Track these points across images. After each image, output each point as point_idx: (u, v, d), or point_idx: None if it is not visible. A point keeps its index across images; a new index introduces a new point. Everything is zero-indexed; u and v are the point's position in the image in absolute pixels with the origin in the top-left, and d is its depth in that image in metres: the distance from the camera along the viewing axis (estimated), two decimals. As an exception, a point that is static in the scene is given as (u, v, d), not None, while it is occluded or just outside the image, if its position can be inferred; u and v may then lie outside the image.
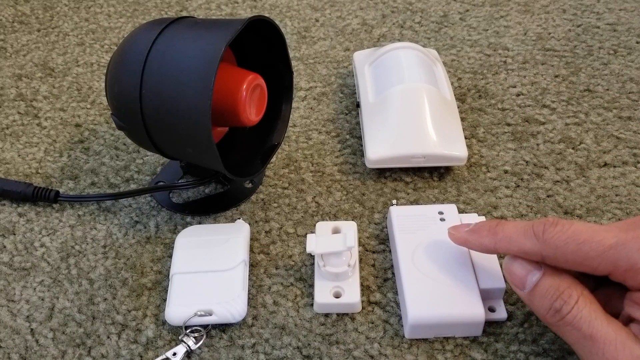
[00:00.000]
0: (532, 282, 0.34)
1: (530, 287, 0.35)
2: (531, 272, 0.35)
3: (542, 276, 0.34)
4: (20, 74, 0.62)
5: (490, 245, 0.37)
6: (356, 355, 0.39)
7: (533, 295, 0.35)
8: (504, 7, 0.69)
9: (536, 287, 0.34)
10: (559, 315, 0.33)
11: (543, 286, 0.34)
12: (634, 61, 0.61)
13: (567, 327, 0.33)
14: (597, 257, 0.32)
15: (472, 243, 0.38)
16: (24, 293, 0.43)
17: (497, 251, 0.37)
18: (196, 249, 0.43)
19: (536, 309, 0.35)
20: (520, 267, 0.35)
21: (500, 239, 0.36)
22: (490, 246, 0.37)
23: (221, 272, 0.42)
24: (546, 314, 0.34)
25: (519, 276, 0.35)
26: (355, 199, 0.49)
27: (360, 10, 0.70)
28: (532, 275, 0.35)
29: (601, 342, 0.31)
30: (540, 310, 0.34)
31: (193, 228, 0.46)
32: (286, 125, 0.49)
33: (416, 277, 0.40)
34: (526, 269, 0.35)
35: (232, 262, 0.42)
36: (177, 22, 0.42)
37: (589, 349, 0.32)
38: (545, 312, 0.34)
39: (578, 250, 0.33)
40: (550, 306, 0.33)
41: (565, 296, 0.33)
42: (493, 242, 0.36)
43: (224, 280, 0.41)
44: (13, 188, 0.48)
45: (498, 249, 0.37)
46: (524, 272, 0.35)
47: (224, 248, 0.43)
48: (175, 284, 0.41)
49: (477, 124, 0.55)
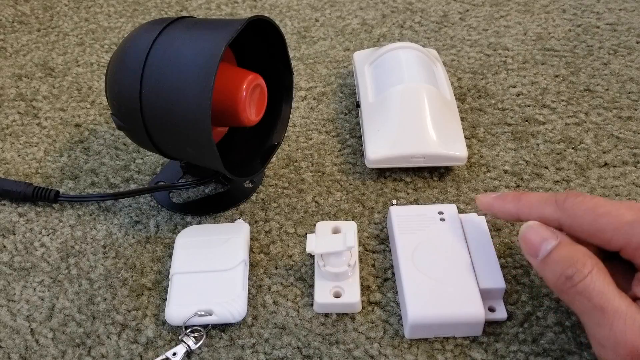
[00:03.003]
0: (546, 250, 0.34)
1: (544, 254, 0.34)
2: (546, 240, 0.35)
3: (557, 245, 0.34)
4: (20, 74, 0.62)
5: (512, 211, 0.38)
6: (356, 355, 0.39)
7: (545, 263, 0.34)
8: (504, 7, 0.69)
9: (550, 255, 0.34)
10: (570, 282, 0.33)
11: (557, 254, 0.34)
12: (634, 61, 0.61)
13: (578, 296, 0.32)
14: (612, 230, 0.33)
15: (496, 208, 0.39)
16: (24, 293, 0.43)
17: (519, 217, 0.37)
18: (196, 249, 0.43)
19: (547, 276, 0.34)
20: (535, 234, 0.35)
21: (522, 205, 0.37)
22: (512, 211, 0.38)
23: (221, 272, 0.41)
24: (557, 281, 0.33)
25: (534, 243, 0.35)
26: (355, 199, 0.49)
27: (360, 10, 0.70)
28: (546, 243, 0.34)
29: (611, 314, 0.31)
30: (551, 278, 0.34)
31: (193, 228, 0.46)
32: (286, 125, 0.49)
33: (416, 277, 0.40)
34: (541, 236, 0.35)
35: (232, 261, 0.42)
36: (177, 22, 0.42)
37: (597, 320, 0.32)
38: (556, 279, 0.34)
39: (595, 222, 0.33)
40: (562, 273, 0.33)
41: (579, 265, 0.33)
42: (516, 208, 0.38)
43: (224, 280, 0.41)
44: (13, 188, 0.48)
45: (520, 215, 0.37)
46: (539, 240, 0.35)
47: (224, 248, 0.43)
48: (175, 284, 0.41)
49: (477, 124, 0.55)
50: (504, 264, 0.43)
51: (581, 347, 0.38)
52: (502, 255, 0.44)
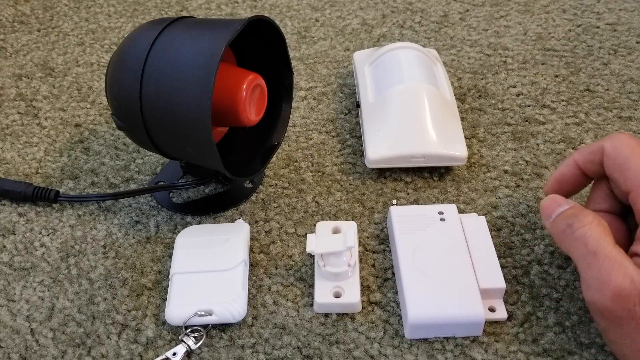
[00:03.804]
0: (557, 212, 0.38)
1: (555, 215, 0.38)
2: (560, 205, 0.38)
3: (568, 208, 0.38)
4: (20, 73, 0.62)
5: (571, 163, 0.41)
6: (356, 355, 0.39)
7: (555, 221, 0.38)
8: (504, 7, 0.69)
9: (560, 215, 0.38)
10: (570, 230, 0.36)
11: (565, 213, 0.37)
12: (634, 61, 0.61)
13: (575, 242, 0.35)
14: (636, 171, 0.37)
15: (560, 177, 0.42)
16: (24, 293, 0.43)
17: (577, 163, 0.41)
18: (196, 249, 0.43)
19: (554, 232, 0.38)
20: (552, 201, 0.39)
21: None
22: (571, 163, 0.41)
23: (221, 272, 0.41)
24: (560, 233, 0.37)
25: (549, 208, 0.38)
26: (355, 199, 0.49)
27: (360, 10, 0.70)
28: (560, 207, 0.38)
29: (602, 258, 0.34)
30: (556, 232, 0.37)
31: (193, 228, 0.46)
32: (286, 125, 0.49)
33: (416, 277, 0.40)
34: (557, 203, 0.38)
35: (232, 262, 0.42)
36: (177, 22, 0.42)
37: (588, 263, 0.34)
38: (560, 231, 0.37)
39: (624, 155, 0.37)
40: (566, 224, 0.37)
41: (582, 217, 0.36)
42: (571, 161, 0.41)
43: (223, 280, 0.41)
44: (13, 188, 0.48)
45: (576, 160, 0.41)
46: (554, 206, 0.38)
47: (224, 248, 0.43)
48: (175, 284, 0.41)
49: (477, 124, 0.55)
50: (504, 264, 0.43)
51: (581, 347, 0.38)
52: (502, 255, 0.44)
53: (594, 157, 0.40)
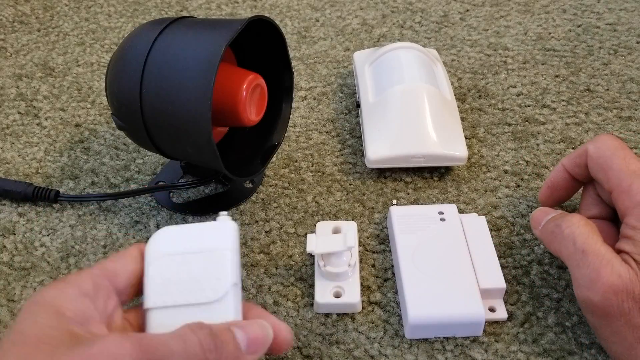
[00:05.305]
0: (546, 220, 0.39)
1: (544, 223, 0.39)
2: (548, 214, 0.40)
3: (556, 215, 0.39)
4: (20, 73, 0.62)
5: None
6: (356, 355, 0.39)
7: (544, 225, 0.39)
8: (504, 7, 0.69)
9: (548, 220, 0.39)
10: (559, 229, 0.37)
11: (554, 218, 0.39)
12: (634, 61, 0.61)
13: (564, 241, 0.36)
14: (616, 170, 0.37)
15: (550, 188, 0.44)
16: (24, 293, 0.43)
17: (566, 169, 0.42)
18: (173, 268, 0.33)
19: (542, 236, 0.39)
20: (541, 212, 0.40)
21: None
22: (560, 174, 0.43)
23: (207, 306, 0.32)
24: (549, 235, 0.38)
25: (539, 217, 0.40)
26: (355, 199, 0.49)
27: (360, 10, 0.70)
28: (547, 216, 0.39)
29: (591, 255, 0.35)
30: (545, 236, 0.39)
31: (165, 233, 0.34)
32: (286, 125, 0.49)
33: (416, 277, 0.40)
34: (545, 212, 0.40)
35: (219, 289, 0.32)
36: (177, 22, 0.42)
37: (578, 261, 0.35)
38: (549, 232, 0.38)
39: (607, 153, 0.38)
40: (554, 225, 0.38)
41: (569, 217, 0.37)
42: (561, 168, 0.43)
43: (211, 316, 0.31)
44: (13, 188, 0.48)
45: (565, 165, 0.42)
46: (543, 215, 0.40)
47: (207, 267, 0.33)
48: (153, 323, 0.32)
49: (477, 124, 0.55)
50: (504, 264, 0.43)
51: (581, 348, 0.38)
52: (502, 255, 0.44)
53: (579, 160, 0.40)
